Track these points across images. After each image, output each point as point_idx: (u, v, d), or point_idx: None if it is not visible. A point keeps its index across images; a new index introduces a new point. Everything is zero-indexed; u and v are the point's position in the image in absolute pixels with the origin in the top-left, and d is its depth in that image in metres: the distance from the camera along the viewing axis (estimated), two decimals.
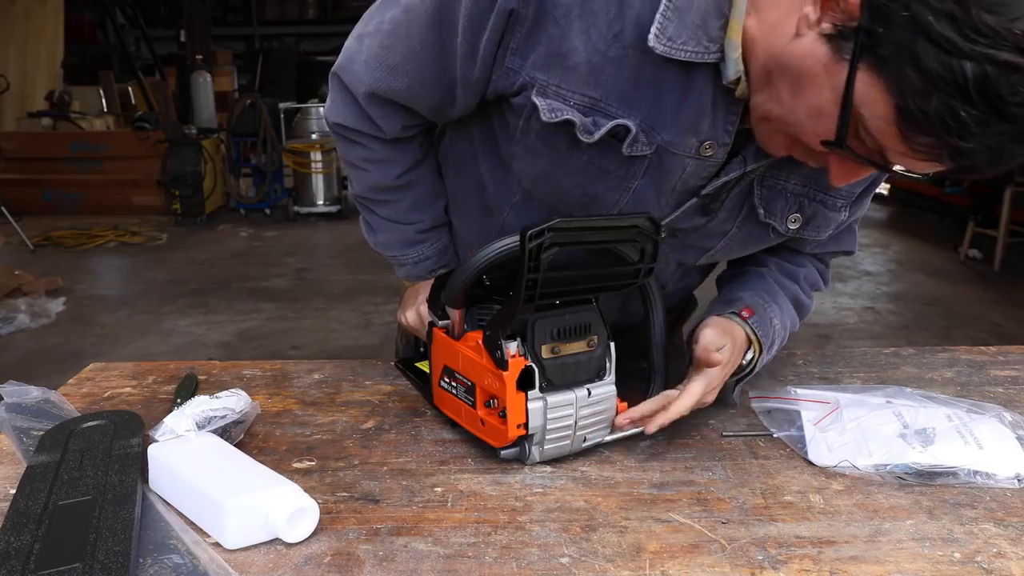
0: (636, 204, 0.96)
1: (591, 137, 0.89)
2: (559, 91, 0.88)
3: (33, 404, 1.02)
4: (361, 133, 1.07)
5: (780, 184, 0.96)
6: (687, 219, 0.98)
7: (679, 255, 1.05)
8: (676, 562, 0.73)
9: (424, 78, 0.97)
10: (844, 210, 1.01)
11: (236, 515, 0.76)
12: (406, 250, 1.16)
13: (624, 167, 0.92)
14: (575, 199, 0.97)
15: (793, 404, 1.00)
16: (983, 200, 5.51)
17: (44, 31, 9.12)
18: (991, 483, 0.85)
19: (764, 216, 0.98)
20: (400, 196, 1.12)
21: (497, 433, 0.89)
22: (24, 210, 6.82)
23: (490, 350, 0.89)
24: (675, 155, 0.91)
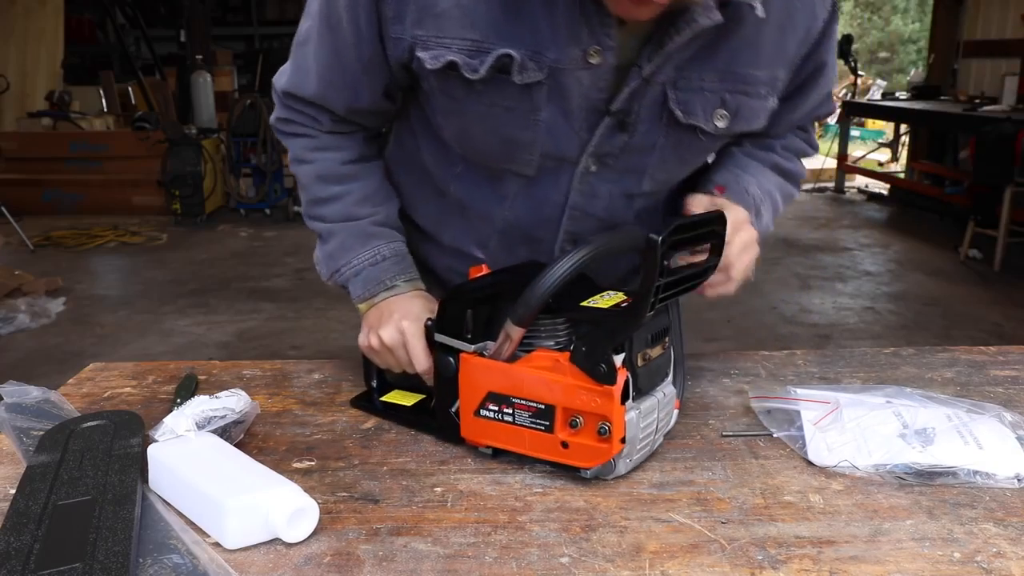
0: (551, 137, 0.98)
1: (477, 73, 0.93)
2: (439, 41, 0.93)
3: (33, 404, 1.02)
4: (302, 124, 1.10)
5: (695, 84, 0.97)
6: (608, 140, 1.00)
7: (620, 184, 1.06)
8: (676, 562, 0.73)
9: (332, 79, 1.04)
10: (770, 97, 1.02)
11: (236, 515, 0.76)
12: (359, 251, 1.09)
13: (525, 100, 0.95)
14: (495, 148, 1.01)
15: (793, 404, 1.00)
16: (983, 200, 5.51)
17: (44, 31, 9.12)
18: (991, 483, 0.85)
19: (684, 118, 0.98)
20: (349, 187, 1.11)
21: (591, 453, 0.84)
22: (24, 210, 6.82)
23: (587, 366, 0.83)
24: (566, 71, 0.93)
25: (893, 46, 18.04)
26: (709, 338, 4.10)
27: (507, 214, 1.09)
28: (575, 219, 1.07)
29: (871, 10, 18.68)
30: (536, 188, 1.05)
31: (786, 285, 5.14)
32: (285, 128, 1.12)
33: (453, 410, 0.94)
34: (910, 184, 7.85)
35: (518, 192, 1.07)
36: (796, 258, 5.82)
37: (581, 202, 1.06)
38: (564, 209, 1.06)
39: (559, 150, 1.01)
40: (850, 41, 8.71)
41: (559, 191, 1.05)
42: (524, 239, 1.11)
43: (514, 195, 1.07)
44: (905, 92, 8.88)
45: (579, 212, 1.07)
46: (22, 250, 6.12)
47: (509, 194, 1.07)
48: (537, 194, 1.06)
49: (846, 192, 8.50)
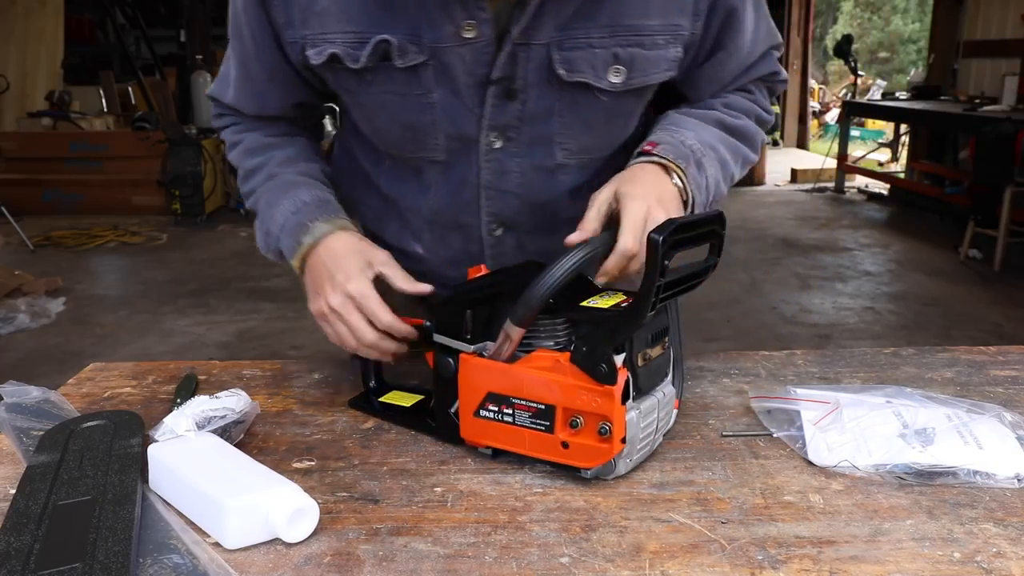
0: (447, 116, 1.00)
1: (358, 62, 0.96)
2: (323, 37, 0.97)
3: (33, 404, 1.02)
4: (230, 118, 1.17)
5: (581, 43, 0.96)
6: (501, 111, 1.00)
7: (530, 158, 1.05)
8: (676, 562, 0.73)
9: (243, 87, 1.10)
10: (671, 46, 0.99)
11: (236, 515, 0.76)
12: (281, 203, 1.06)
13: (413, 83, 0.98)
14: (400, 136, 1.04)
15: (793, 404, 1.00)
16: (983, 200, 5.51)
17: (44, 31, 9.12)
18: (991, 483, 0.85)
19: (569, 76, 0.97)
20: (271, 153, 1.13)
21: (591, 453, 0.84)
22: (24, 210, 6.82)
23: (587, 366, 0.83)
24: (447, 49, 0.95)
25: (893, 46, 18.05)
26: (709, 338, 4.10)
27: (432, 203, 1.10)
28: (492, 199, 1.08)
29: (871, 10, 18.69)
30: (451, 172, 1.06)
31: (786, 285, 5.14)
32: (218, 123, 1.19)
33: (452, 410, 0.93)
34: (910, 184, 7.85)
35: (437, 179, 1.08)
36: (796, 258, 5.82)
37: (493, 180, 1.06)
38: (479, 189, 1.07)
39: (459, 129, 1.02)
40: (850, 41, 8.71)
41: (472, 172, 1.06)
42: (452, 226, 1.12)
43: (434, 183, 1.08)
44: (905, 92, 8.87)
45: (494, 191, 1.07)
46: (22, 250, 6.12)
47: (430, 183, 1.09)
48: (453, 178, 1.07)
49: (846, 192, 8.50)
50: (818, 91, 14.19)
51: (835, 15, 18.98)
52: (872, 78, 14.76)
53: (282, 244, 1.06)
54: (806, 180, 8.97)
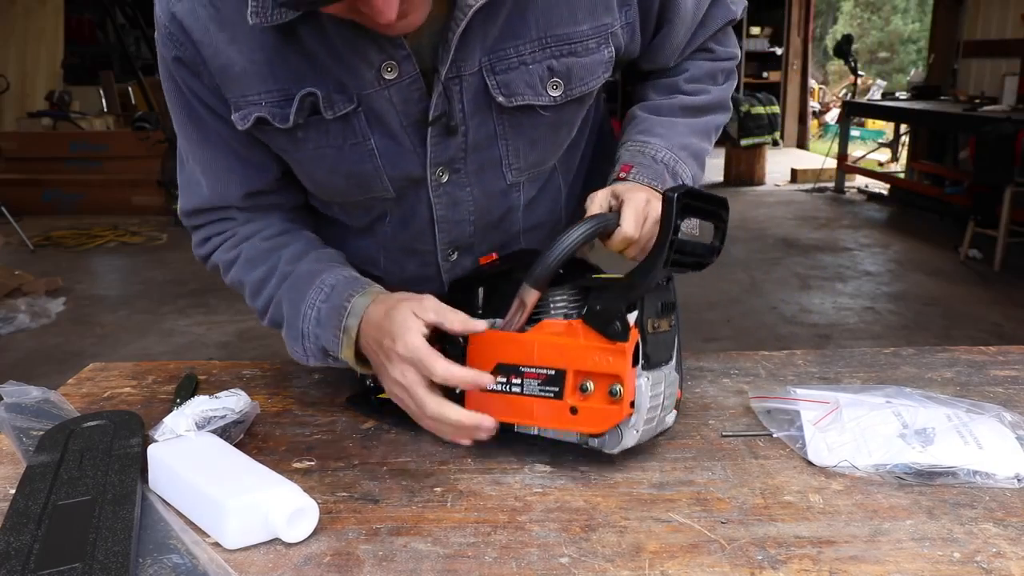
0: (389, 162, 0.97)
1: (287, 122, 0.92)
2: (247, 99, 0.93)
3: (33, 404, 1.02)
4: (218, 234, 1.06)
5: (513, 63, 0.93)
6: (443, 148, 0.97)
7: (480, 185, 1.02)
8: (676, 562, 0.73)
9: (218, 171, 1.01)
10: (604, 47, 0.96)
11: (236, 515, 0.76)
12: (309, 295, 0.95)
13: (348, 133, 0.94)
14: (344, 186, 1.00)
15: (793, 404, 1.00)
16: (983, 200, 5.51)
17: (44, 31, 9.12)
18: (991, 483, 0.85)
19: (508, 101, 0.94)
20: (278, 254, 1.02)
21: (600, 416, 0.84)
22: (24, 210, 6.82)
23: (600, 324, 0.84)
24: (372, 94, 0.91)
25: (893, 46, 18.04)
26: (709, 338, 4.10)
27: (387, 231, 1.08)
28: (446, 229, 1.06)
29: (871, 10, 18.68)
30: (404, 205, 1.04)
31: (786, 285, 5.14)
32: (205, 249, 1.07)
33: (457, 391, 0.92)
34: (910, 184, 7.85)
35: (392, 211, 1.05)
36: (796, 258, 5.82)
37: (446, 213, 1.04)
38: (433, 223, 1.05)
39: (402, 171, 0.98)
40: (850, 41, 8.70)
41: (422, 206, 1.03)
42: (407, 253, 1.10)
43: (387, 215, 1.06)
44: (905, 92, 8.87)
45: (447, 223, 1.05)
46: (22, 250, 6.12)
47: (385, 215, 1.06)
48: (406, 211, 1.04)
49: (846, 192, 8.49)
50: (818, 91, 14.19)
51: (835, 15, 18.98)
52: (872, 78, 14.76)
53: (323, 340, 0.94)
54: (806, 180, 8.97)
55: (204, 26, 0.90)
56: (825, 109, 13.82)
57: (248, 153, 1.00)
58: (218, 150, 1.00)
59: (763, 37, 12.10)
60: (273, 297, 1.00)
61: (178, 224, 7.28)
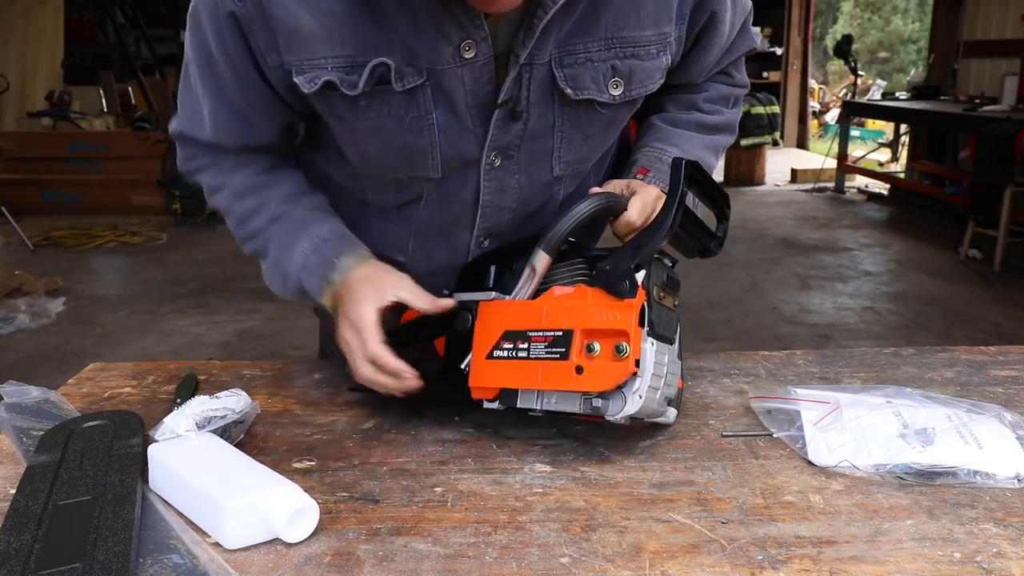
0: (447, 139, 0.98)
1: (356, 88, 0.92)
2: (312, 63, 0.92)
3: (33, 404, 1.02)
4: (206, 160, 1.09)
5: (581, 58, 0.96)
6: (504, 133, 0.99)
7: (528, 174, 1.05)
8: (676, 562, 0.73)
9: (222, 120, 1.03)
10: (662, 55, 1.01)
11: (236, 515, 0.76)
12: (299, 242, 1.03)
13: (411, 106, 0.95)
14: (394, 161, 1.01)
15: (793, 404, 1.00)
16: (983, 200, 5.51)
17: (44, 31, 9.12)
18: (991, 483, 0.85)
19: (575, 94, 0.97)
20: (269, 192, 1.07)
21: (605, 374, 0.84)
22: (24, 210, 6.82)
23: (609, 284, 0.86)
24: (445, 71, 0.92)
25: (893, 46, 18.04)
26: (709, 338, 4.10)
27: (422, 215, 1.09)
28: (488, 215, 1.07)
29: (871, 10, 18.68)
30: (446, 187, 1.05)
31: (786, 285, 5.14)
32: (191, 167, 1.11)
33: (463, 366, 0.94)
34: (910, 184, 7.85)
35: (430, 193, 1.06)
36: (796, 258, 5.82)
37: (492, 199, 1.06)
38: (476, 207, 1.06)
39: (458, 151, 1.00)
40: (850, 41, 8.70)
41: (468, 189, 1.05)
42: (440, 238, 1.11)
43: (426, 195, 1.07)
44: (905, 92, 8.87)
45: (491, 208, 1.07)
46: (22, 250, 6.12)
47: (422, 197, 1.07)
48: (448, 193, 1.05)
49: (846, 192, 8.49)
50: (818, 91, 14.19)
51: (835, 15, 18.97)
52: (872, 78, 14.75)
53: (305, 283, 1.03)
54: (806, 180, 8.97)
55: None
56: (825, 109, 13.82)
57: (254, 117, 1.03)
58: (228, 104, 1.01)
59: (763, 37, 12.10)
60: (260, 232, 1.06)
61: (178, 224, 7.28)
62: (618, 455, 0.93)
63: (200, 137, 1.06)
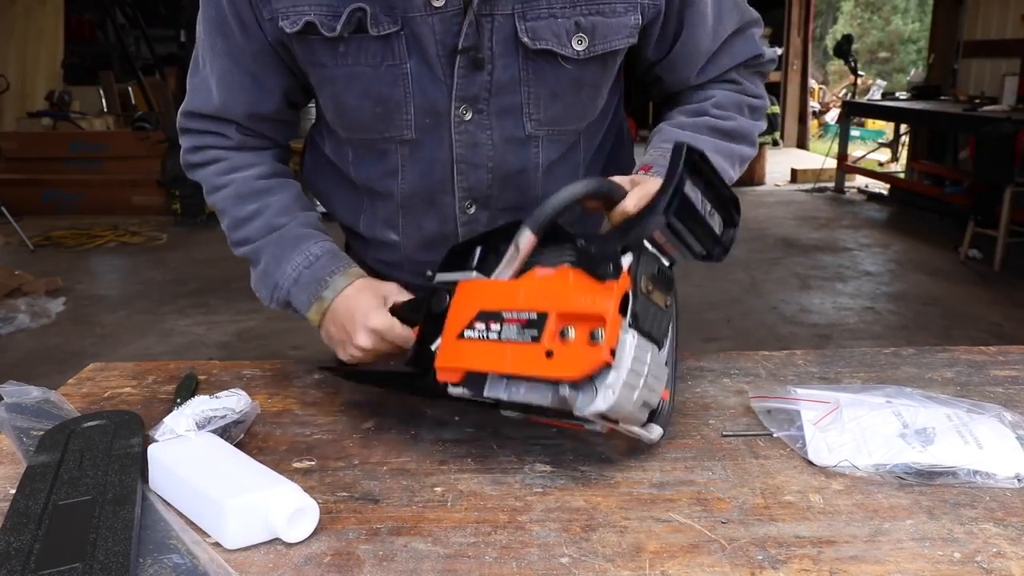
0: (419, 88, 1.02)
1: (335, 31, 0.98)
2: (295, 8, 0.98)
3: (33, 404, 1.02)
4: (211, 147, 1.13)
5: (544, 13, 0.99)
6: (469, 83, 1.02)
7: (500, 129, 1.06)
8: (676, 562, 0.73)
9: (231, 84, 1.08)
10: (630, 14, 1.02)
11: (236, 515, 0.76)
12: (291, 257, 1.08)
13: (387, 53, 1.00)
14: (370, 112, 1.05)
15: (793, 404, 1.00)
16: (983, 200, 5.51)
17: (44, 31, 9.12)
18: (991, 483, 0.85)
19: (534, 44, 1.00)
20: (267, 200, 1.11)
21: (575, 359, 0.76)
22: (24, 210, 6.83)
23: (592, 266, 0.78)
24: (417, 18, 0.98)
25: (893, 46, 18.04)
26: (709, 338, 4.10)
27: (404, 186, 1.12)
28: (464, 173, 1.09)
29: (871, 10, 18.68)
30: (421, 151, 1.08)
31: (786, 285, 5.14)
32: (195, 158, 1.14)
33: (433, 347, 0.91)
34: (910, 184, 7.84)
35: (407, 161, 1.09)
36: (796, 258, 5.82)
37: (466, 154, 1.07)
38: (452, 165, 1.08)
39: (429, 101, 1.03)
40: (850, 41, 8.70)
41: (443, 148, 1.07)
42: (426, 208, 1.13)
43: (404, 165, 1.10)
44: (905, 92, 8.86)
45: (466, 165, 1.08)
46: (22, 250, 6.12)
47: (400, 165, 1.10)
48: (424, 157, 1.08)
49: (846, 192, 8.49)
50: (818, 91, 14.19)
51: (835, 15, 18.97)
52: (872, 78, 14.75)
53: (293, 297, 1.09)
54: (806, 180, 8.97)
55: None
56: (825, 109, 13.81)
57: (263, 76, 1.07)
58: (237, 65, 1.06)
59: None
60: (254, 240, 1.11)
61: (178, 224, 7.29)
62: (618, 455, 0.93)
63: (206, 110, 1.10)
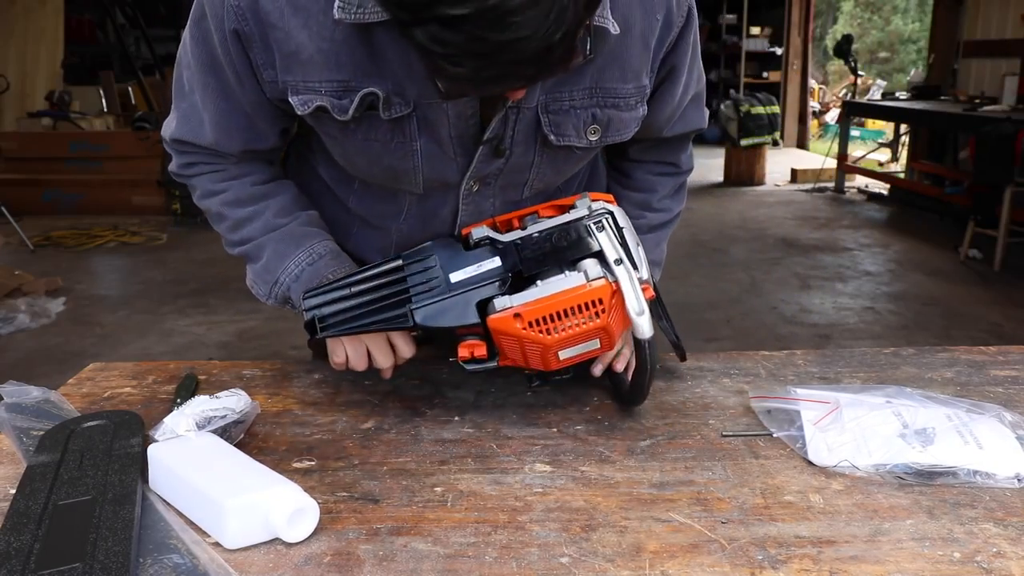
0: (429, 165, 1.02)
1: (346, 115, 0.96)
2: (308, 85, 0.96)
3: (33, 404, 1.02)
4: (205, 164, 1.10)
5: (565, 106, 1.01)
6: (485, 165, 1.04)
7: (502, 197, 1.11)
8: (676, 562, 0.73)
9: (225, 124, 1.04)
10: (640, 106, 1.05)
11: (236, 515, 0.76)
12: (294, 253, 1.08)
13: (397, 133, 0.99)
14: (380, 175, 1.07)
15: (793, 404, 1.00)
16: (983, 200, 5.51)
17: (44, 31, 9.11)
18: (991, 483, 0.85)
19: (557, 140, 1.02)
20: (266, 203, 1.11)
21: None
22: (24, 210, 6.82)
23: None
24: (431, 106, 0.96)
25: (893, 46, 18.03)
26: (709, 338, 4.10)
27: (403, 226, 1.15)
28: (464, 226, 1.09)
29: (871, 10, 18.68)
30: (427, 203, 1.11)
31: (786, 285, 5.14)
32: (187, 172, 1.12)
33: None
34: (910, 184, 7.84)
35: (411, 206, 1.12)
36: (796, 258, 5.81)
37: (468, 218, 1.11)
38: (454, 224, 1.12)
39: (439, 176, 1.05)
40: (850, 41, 8.69)
41: (447, 208, 1.10)
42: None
43: (408, 209, 1.13)
44: (905, 92, 8.86)
45: (467, 222, 1.11)
46: (22, 250, 6.11)
47: (403, 209, 1.13)
48: (428, 209, 1.11)
49: (846, 192, 8.49)
50: (818, 91, 14.18)
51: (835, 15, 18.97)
52: (872, 78, 14.74)
53: (293, 292, 1.09)
54: (806, 180, 8.96)
55: (280, 10, 0.92)
56: (825, 109, 13.81)
57: (258, 120, 1.05)
58: (231, 107, 1.03)
59: (763, 37, 12.10)
60: (254, 239, 1.10)
61: (178, 224, 7.27)
62: (618, 455, 0.93)
63: (200, 142, 1.07)
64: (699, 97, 1.16)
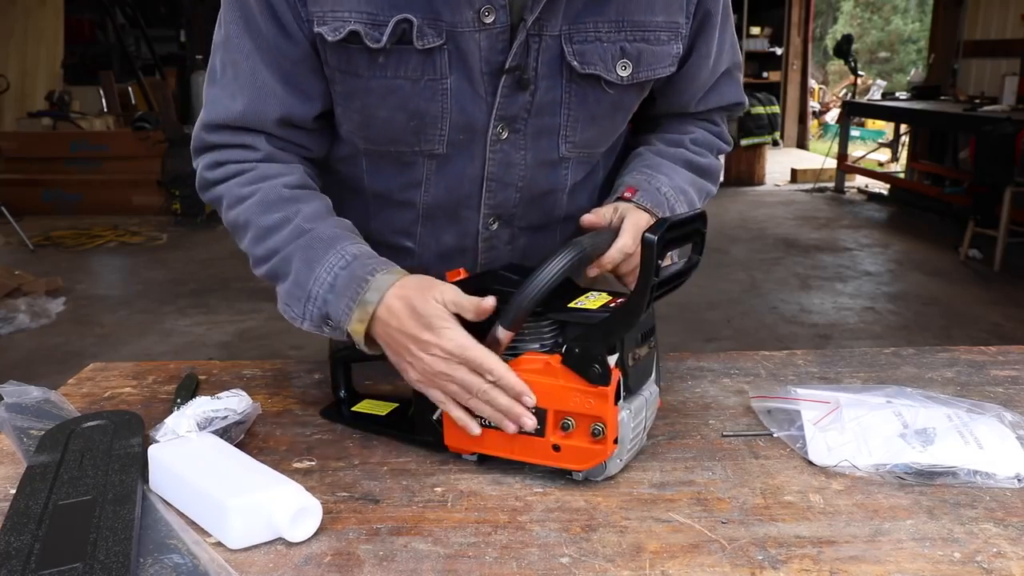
0: (458, 104, 0.98)
1: (379, 42, 0.93)
2: (336, 15, 0.93)
3: (33, 404, 1.02)
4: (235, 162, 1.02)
5: (591, 36, 0.98)
6: (511, 102, 0.99)
7: (535, 150, 1.04)
8: (676, 562, 0.73)
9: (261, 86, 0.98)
10: (674, 42, 1.03)
11: (239, 515, 0.76)
12: (325, 258, 0.93)
13: (428, 67, 0.96)
14: (402, 126, 1.00)
15: (793, 404, 1.00)
16: (983, 200, 5.51)
17: (44, 31, 9.12)
18: (991, 483, 0.85)
19: (582, 68, 0.99)
20: (296, 207, 0.99)
21: (584, 455, 0.84)
22: (24, 210, 6.82)
23: (580, 367, 0.83)
24: (464, 33, 0.94)
25: (893, 46, 18.04)
26: (709, 338, 4.10)
27: (427, 198, 1.07)
28: (493, 190, 1.06)
29: (871, 10, 18.68)
30: (450, 166, 1.03)
31: (786, 285, 5.14)
32: (215, 174, 1.02)
33: (435, 417, 0.92)
34: (910, 184, 7.85)
35: (432, 174, 1.04)
36: (796, 258, 5.82)
37: (498, 172, 1.04)
38: (482, 182, 1.04)
39: (467, 118, 0.99)
40: (850, 41, 8.70)
41: (474, 165, 1.03)
42: (448, 221, 1.09)
43: (429, 178, 1.05)
44: (905, 92, 8.87)
45: (496, 183, 1.05)
46: (22, 250, 6.12)
47: (424, 177, 1.05)
48: (452, 172, 1.04)
49: (846, 192, 8.49)
50: (818, 91, 14.19)
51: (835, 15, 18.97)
52: (872, 78, 14.75)
53: (331, 306, 0.91)
54: (806, 180, 8.97)
55: None
56: (825, 109, 13.81)
57: (298, 77, 0.99)
58: (268, 65, 0.97)
59: (763, 37, 12.09)
60: (281, 250, 0.97)
61: (178, 224, 7.26)
62: None
63: (229, 120, 1.00)
64: (733, 71, 1.15)
